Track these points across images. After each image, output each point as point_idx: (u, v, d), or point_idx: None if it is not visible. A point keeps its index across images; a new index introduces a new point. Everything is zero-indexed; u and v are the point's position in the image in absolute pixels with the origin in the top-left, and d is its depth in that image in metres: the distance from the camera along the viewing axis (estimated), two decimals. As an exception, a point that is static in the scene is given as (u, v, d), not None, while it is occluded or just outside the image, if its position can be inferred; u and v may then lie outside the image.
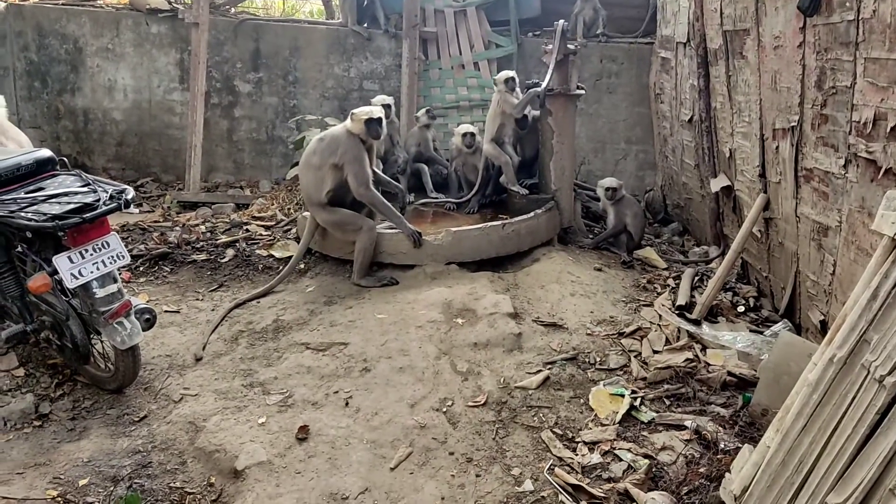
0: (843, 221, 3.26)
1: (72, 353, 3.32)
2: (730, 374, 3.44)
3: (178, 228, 5.54)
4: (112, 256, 3.13)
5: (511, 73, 5.29)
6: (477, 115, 6.77)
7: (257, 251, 4.97)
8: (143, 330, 3.27)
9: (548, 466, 2.84)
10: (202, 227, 5.60)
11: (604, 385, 3.43)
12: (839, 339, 2.15)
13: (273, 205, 6.07)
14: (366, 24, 7.08)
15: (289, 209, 5.95)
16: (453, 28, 6.97)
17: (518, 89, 5.24)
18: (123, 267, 3.60)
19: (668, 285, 4.52)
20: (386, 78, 7.05)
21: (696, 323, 3.97)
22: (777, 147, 3.93)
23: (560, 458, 2.90)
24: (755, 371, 3.50)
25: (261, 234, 5.25)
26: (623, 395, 3.33)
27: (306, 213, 4.78)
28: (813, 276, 3.62)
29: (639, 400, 3.31)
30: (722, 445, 2.89)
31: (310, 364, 3.59)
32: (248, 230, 5.43)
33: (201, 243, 5.14)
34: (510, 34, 7.04)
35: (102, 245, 3.11)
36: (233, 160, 7.26)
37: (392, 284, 4.37)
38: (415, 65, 6.51)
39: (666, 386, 3.44)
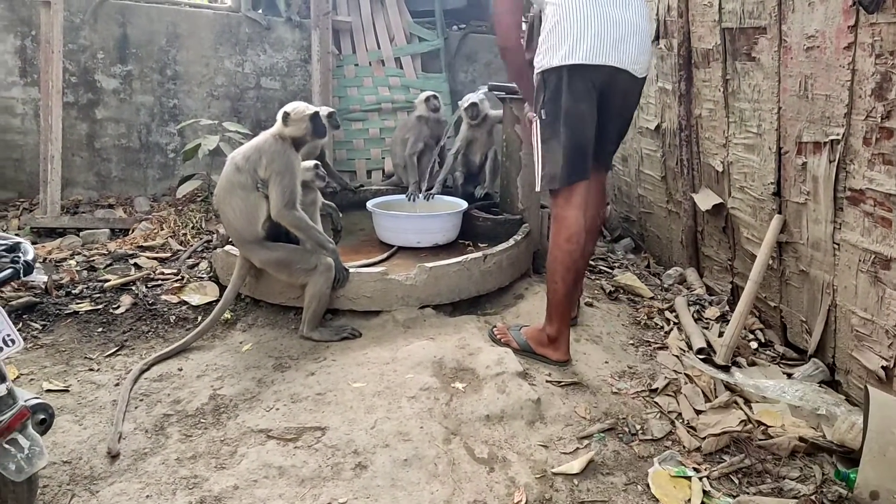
0: (920, 254, 2.83)
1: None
2: (800, 439, 2.89)
3: (40, 266, 4.27)
4: (-6, 344, 2.05)
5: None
6: (401, 119, 5.87)
7: (163, 297, 3.84)
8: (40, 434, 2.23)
9: None
10: (73, 263, 4.37)
11: (659, 464, 2.77)
12: None
13: (162, 230, 4.91)
14: (262, 10, 5.97)
15: (184, 235, 4.82)
16: (370, 18, 6.00)
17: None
18: (15, 353, 2.49)
19: (669, 320, 3.95)
20: (289, 74, 5.98)
21: (725, 369, 3.42)
22: (804, 163, 3.45)
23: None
24: (815, 429, 3.00)
25: (162, 273, 4.11)
26: (688, 477, 2.70)
27: (230, 249, 3.76)
28: (864, 314, 3.15)
29: (704, 481, 2.69)
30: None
31: (280, 462, 2.64)
32: (139, 266, 4.28)
33: (80, 287, 3.93)
34: (435, 27, 6.17)
35: (-23, 328, 2.03)
36: (95, 172, 5.90)
37: (353, 337, 3.46)
38: (328, 60, 5.50)
39: (727, 458, 2.84)
